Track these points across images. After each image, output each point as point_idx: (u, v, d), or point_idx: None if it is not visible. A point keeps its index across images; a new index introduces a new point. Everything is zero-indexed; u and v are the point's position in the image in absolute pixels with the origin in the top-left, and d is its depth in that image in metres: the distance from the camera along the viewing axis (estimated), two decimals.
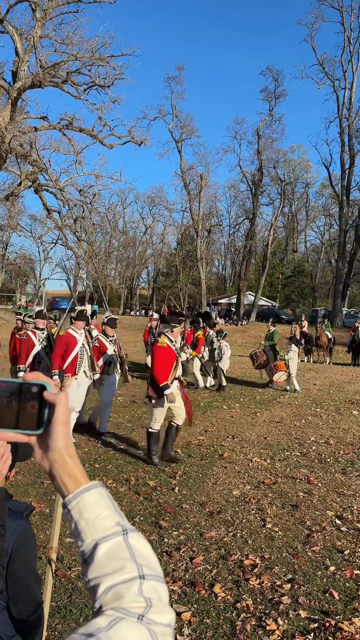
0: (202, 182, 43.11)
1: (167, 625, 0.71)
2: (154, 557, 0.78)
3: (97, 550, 0.75)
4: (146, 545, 0.78)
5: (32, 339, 7.54)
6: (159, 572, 0.76)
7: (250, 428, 8.23)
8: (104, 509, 0.78)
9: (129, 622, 0.69)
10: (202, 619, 3.09)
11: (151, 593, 0.72)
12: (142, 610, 0.70)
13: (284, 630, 2.99)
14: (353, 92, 37.77)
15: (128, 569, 0.73)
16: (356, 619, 3.10)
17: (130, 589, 0.72)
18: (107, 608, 0.71)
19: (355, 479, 5.80)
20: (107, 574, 0.73)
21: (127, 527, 0.78)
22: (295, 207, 60.99)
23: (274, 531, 4.34)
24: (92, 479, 0.82)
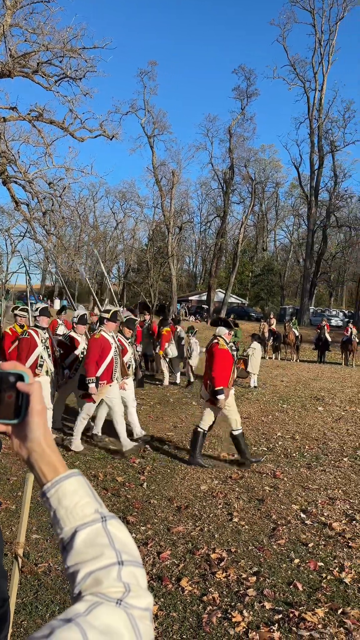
0: (173, 179, 43.08)
1: (145, 609, 0.73)
2: (133, 544, 0.79)
3: (76, 538, 0.76)
4: (125, 532, 0.79)
5: (34, 339, 6.64)
6: (138, 558, 0.77)
7: (219, 424, 8.29)
8: (83, 497, 0.79)
9: (108, 606, 0.70)
10: (168, 612, 3.11)
11: (130, 578, 0.74)
12: (120, 595, 0.72)
13: (249, 621, 3.04)
14: (323, 94, 38.41)
15: (107, 555, 0.74)
16: (319, 610, 3.18)
17: (109, 574, 0.73)
18: (86, 594, 0.72)
19: (319, 474, 5.93)
20: (86, 560, 0.74)
21: (106, 514, 0.79)
22: (265, 206, 61.65)
23: (241, 525, 4.40)
24: None
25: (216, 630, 2.95)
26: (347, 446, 7.24)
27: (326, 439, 7.59)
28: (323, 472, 6.01)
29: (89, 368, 6.18)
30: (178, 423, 8.21)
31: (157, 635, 2.89)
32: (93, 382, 6.15)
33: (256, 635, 2.90)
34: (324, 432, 8.07)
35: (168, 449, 6.68)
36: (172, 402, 10.11)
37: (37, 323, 6.79)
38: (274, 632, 2.93)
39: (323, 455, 6.74)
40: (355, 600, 3.31)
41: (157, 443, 6.96)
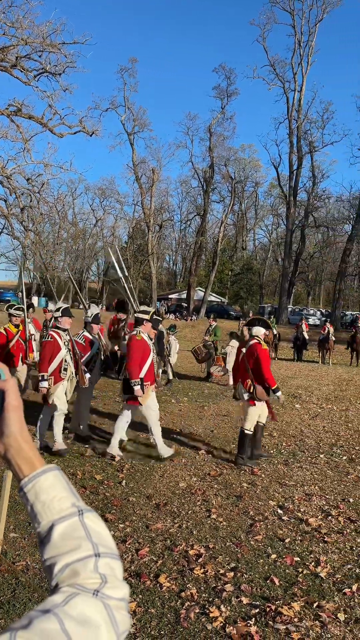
0: (154, 176, 43.00)
1: (121, 600, 0.74)
2: (109, 536, 0.80)
3: (53, 531, 0.77)
4: (102, 525, 0.80)
5: (58, 342, 6.25)
6: (114, 550, 0.79)
7: (198, 421, 8.35)
8: (60, 491, 0.80)
9: (85, 597, 0.71)
10: (147, 608, 3.13)
11: (106, 570, 0.75)
12: (97, 586, 0.73)
13: (226, 616, 3.07)
14: (302, 94, 38.77)
15: (84, 547, 0.76)
16: (295, 604, 3.23)
17: (86, 566, 0.74)
18: (63, 585, 0.74)
19: (296, 470, 6.01)
20: (63, 553, 0.76)
21: (83, 507, 0.80)
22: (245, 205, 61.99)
23: (219, 521, 4.44)
24: None
25: (194, 625, 2.98)
26: (324, 443, 7.35)
27: (303, 436, 7.69)
28: (300, 468, 6.10)
29: (133, 370, 5.99)
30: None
31: (135, 631, 2.91)
32: (138, 384, 5.98)
33: (233, 629, 2.94)
34: (301, 429, 8.18)
35: (148, 447, 6.68)
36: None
37: (58, 325, 6.43)
38: (250, 626, 2.97)
39: (300, 452, 6.83)
40: (331, 593, 3.38)
41: (136, 441, 6.96)
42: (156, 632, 2.91)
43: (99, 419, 8.08)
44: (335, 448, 7.09)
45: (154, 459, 6.14)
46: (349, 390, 12.61)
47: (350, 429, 8.40)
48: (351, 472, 6.00)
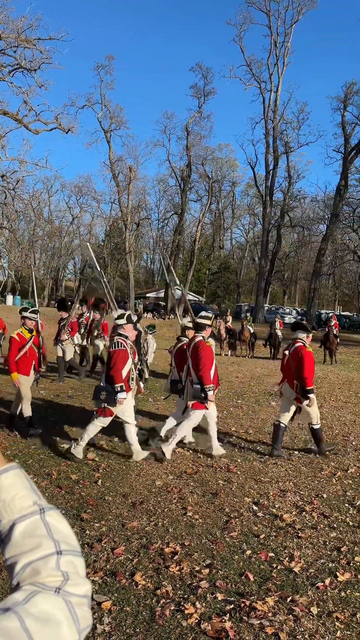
0: (131, 174, 42.81)
1: (83, 596, 0.75)
2: (71, 533, 0.81)
3: (14, 530, 0.76)
4: (63, 522, 0.80)
5: (127, 350, 6.01)
6: (76, 547, 0.79)
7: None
8: (21, 490, 0.79)
9: (46, 594, 0.71)
10: (122, 607, 3.12)
11: (68, 567, 0.76)
12: (59, 584, 0.73)
13: (201, 613, 3.09)
14: (278, 95, 39.13)
15: (45, 545, 0.76)
16: (269, 598, 3.27)
17: (47, 564, 0.74)
18: (24, 584, 0.74)
19: (271, 467, 6.08)
20: (25, 551, 0.76)
21: (44, 505, 0.80)
22: (222, 204, 62.27)
23: (195, 519, 4.46)
24: None
25: (169, 622, 2.99)
26: (298, 439, 7.45)
27: None
28: (275, 465, 6.17)
29: (207, 375, 6.09)
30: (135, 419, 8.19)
31: (111, 630, 2.90)
32: (211, 389, 6.10)
33: (208, 625, 2.96)
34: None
35: (124, 446, 6.66)
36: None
37: (121, 332, 6.15)
38: (225, 622, 3.00)
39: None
40: (304, 588, 3.43)
41: (114, 440, 6.93)
42: (131, 630, 2.91)
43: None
44: (310, 445, 7.18)
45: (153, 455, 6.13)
46: (323, 387, 12.79)
47: (324, 426, 8.51)
48: (325, 468, 6.10)
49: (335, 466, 6.22)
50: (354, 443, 7.42)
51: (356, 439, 7.68)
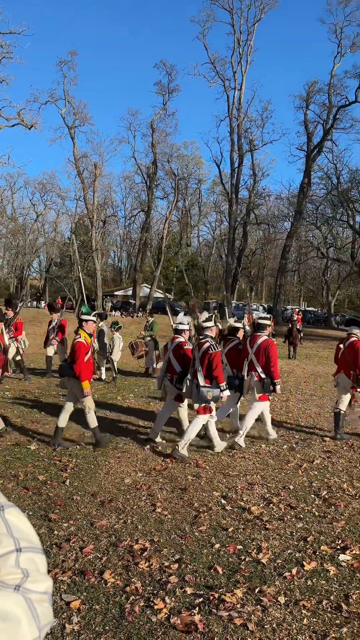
0: (96, 171, 42.40)
1: (43, 593, 0.75)
2: (32, 530, 0.80)
3: None
4: (23, 520, 0.80)
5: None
6: (36, 544, 0.79)
7: (144, 417, 8.35)
8: None
9: (5, 592, 0.71)
10: (91, 605, 3.11)
11: (28, 564, 0.75)
12: (18, 581, 0.73)
13: (171, 607, 3.11)
14: (242, 93, 39.42)
15: (4, 543, 0.75)
16: (237, 590, 3.31)
17: (7, 562, 0.74)
18: None
19: (239, 460, 6.15)
20: None
21: (4, 503, 0.79)
22: (189, 202, 62.37)
23: (164, 515, 4.48)
24: None
25: (139, 619, 2.99)
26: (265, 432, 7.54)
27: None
28: (243, 458, 6.24)
29: (277, 371, 6.88)
30: (103, 419, 8.15)
31: (80, 629, 2.89)
32: (279, 383, 6.95)
33: (177, 620, 2.98)
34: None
35: (92, 445, 6.62)
36: (96, 397, 10.01)
37: (208, 333, 6.61)
38: (194, 615, 3.02)
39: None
40: (272, 578, 3.49)
41: (81, 440, 6.87)
42: (101, 628, 2.90)
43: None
44: (277, 437, 7.30)
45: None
46: (289, 382, 13.02)
47: (290, 419, 8.68)
48: (291, 460, 6.21)
49: (301, 458, 6.35)
50: (319, 435, 7.59)
51: (321, 431, 7.85)
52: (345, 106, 37.09)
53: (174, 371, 6.75)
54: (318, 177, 40.31)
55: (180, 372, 6.66)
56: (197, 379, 6.30)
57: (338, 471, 5.88)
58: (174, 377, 6.71)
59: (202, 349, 6.35)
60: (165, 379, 6.90)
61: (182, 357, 6.75)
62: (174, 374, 6.73)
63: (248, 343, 7.07)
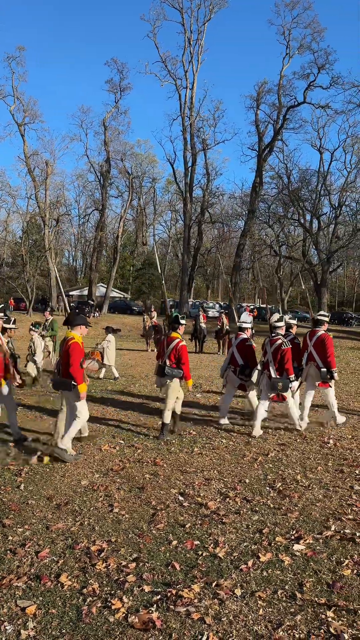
0: (47, 169, 41.61)
1: None
2: None
3: None
4: None
5: None
6: None
7: (100, 418, 8.28)
8: None
9: None
10: (47, 610, 3.07)
11: None
12: None
13: (128, 606, 3.11)
14: (194, 92, 39.60)
15: None
16: (195, 585, 3.35)
17: None
18: None
19: (197, 457, 6.20)
20: None
21: None
22: (144, 200, 62.24)
23: (121, 515, 4.46)
24: None
25: (96, 620, 2.97)
26: (222, 429, 7.64)
27: (204, 423, 7.93)
28: (200, 455, 6.30)
29: (332, 360, 7.62)
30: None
31: (36, 634, 2.84)
32: (336, 372, 7.65)
33: (135, 618, 2.98)
34: (202, 417, 8.43)
35: (48, 448, 6.50)
36: (52, 400, 9.85)
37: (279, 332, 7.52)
38: (152, 612, 3.03)
39: (200, 439, 7.05)
40: (228, 572, 3.54)
41: (36, 443, 6.74)
42: (57, 632, 2.86)
43: None
44: (233, 432, 7.41)
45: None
46: None
47: (247, 414, 8.81)
48: (247, 454, 6.32)
49: (256, 451, 6.46)
50: (273, 428, 7.74)
51: (276, 424, 8.01)
52: (295, 107, 37.92)
53: (236, 363, 7.73)
54: (269, 177, 41.05)
55: (241, 364, 7.66)
56: (269, 371, 7.24)
57: (292, 463, 6.03)
58: (237, 368, 7.69)
59: (275, 345, 7.31)
60: (228, 370, 7.84)
61: (245, 351, 7.72)
62: (237, 366, 7.71)
63: (308, 337, 7.91)
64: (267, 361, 7.33)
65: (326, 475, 5.62)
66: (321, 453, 6.48)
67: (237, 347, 7.81)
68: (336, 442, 7.04)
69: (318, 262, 38.90)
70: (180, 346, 7.20)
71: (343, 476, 5.58)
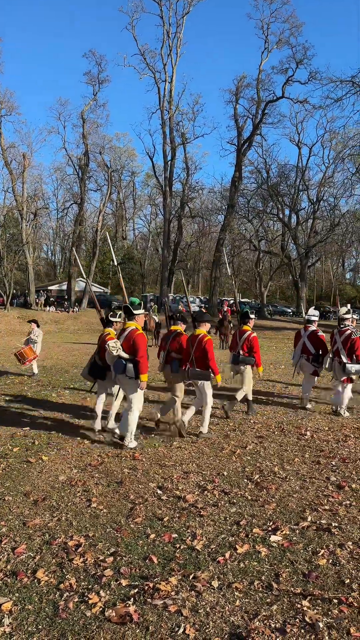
0: (25, 162, 41.04)
1: None
2: None
3: None
4: None
5: None
6: None
7: (81, 413, 8.24)
8: None
9: None
10: (24, 606, 3.04)
11: None
12: None
13: (105, 600, 3.10)
14: (173, 85, 39.48)
15: None
16: (172, 578, 3.36)
17: None
18: None
19: (175, 451, 6.22)
20: None
21: None
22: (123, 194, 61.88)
23: (99, 509, 4.45)
24: None
25: (73, 615, 2.96)
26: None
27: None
28: (179, 448, 6.32)
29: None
30: (36, 417, 7.96)
31: (12, 630, 2.82)
32: None
33: (112, 612, 2.97)
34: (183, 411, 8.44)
35: (26, 444, 6.45)
36: (30, 395, 9.77)
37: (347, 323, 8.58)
38: (129, 606, 3.04)
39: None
40: (205, 564, 3.56)
41: (13, 439, 6.68)
42: (33, 628, 2.84)
43: None
44: (212, 426, 7.45)
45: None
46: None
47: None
48: (225, 447, 6.36)
49: (235, 444, 6.51)
50: (251, 421, 7.81)
51: (254, 417, 8.08)
52: (273, 101, 38.09)
53: (309, 352, 8.76)
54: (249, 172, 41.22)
55: (314, 353, 8.69)
56: (340, 357, 8.21)
57: (270, 455, 6.09)
58: (310, 357, 8.70)
59: (345, 335, 8.34)
60: (301, 359, 8.81)
61: (316, 341, 8.76)
62: (309, 355, 8.73)
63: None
64: (336, 349, 8.35)
65: (303, 466, 5.69)
66: (298, 445, 6.57)
67: (308, 338, 8.81)
68: (313, 434, 7.14)
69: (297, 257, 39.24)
70: (252, 337, 8.23)
71: (320, 467, 5.67)
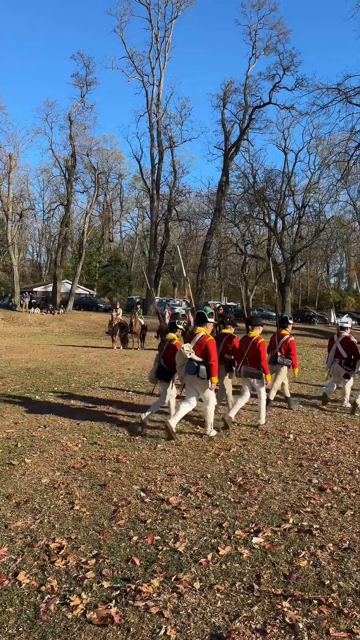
0: (11, 163, 40.77)
1: None
2: None
3: None
4: None
5: None
6: None
7: (64, 415, 8.20)
8: None
9: None
10: (4, 608, 3.02)
11: None
12: None
13: (87, 603, 3.10)
14: (161, 89, 39.63)
15: None
16: (154, 580, 3.36)
17: None
18: None
19: (160, 453, 6.22)
20: None
21: None
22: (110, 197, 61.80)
23: (82, 512, 4.43)
24: None
25: (54, 617, 2.96)
26: (187, 426, 7.68)
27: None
28: (163, 451, 6.32)
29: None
30: (19, 419, 7.90)
31: None
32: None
33: (94, 614, 2.97)
34: (166, 414, 8.45)
35: (9, 446, 6.40)
36: (12, 397, 9.69)
37: None
38: (111, 608, 3.04)
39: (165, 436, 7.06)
40: (188, 565, 3.57)
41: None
42: (14, 630, 2.83)
43: None
44: (197, 429, 7.46)
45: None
46: None
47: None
48: (209, 450, 6.38)
49: (219, 447, 6.54)
50: (236, 424, 7.84)
51: (238, 419, 8.12)
52: (260, 107, 38.39)
53: (341, 357, 9.36)
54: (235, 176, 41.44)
55: (346, 357, 9.28)
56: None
57: (253, 458, 6.13)
58: (342, 361, 9.31)
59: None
60: (335, 363, 9.45)
61: (349, 347, 9.34)
62: (342, 359, 9.34)
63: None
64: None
65: (286, 469, 5.74)
66: (281, 447, 6.62)
67: (341, 344, 9.42)
68: (296, 436, 7.19)
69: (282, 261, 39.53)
70: (290, 341, 9.05)
71: (302, 470, 5.72)
